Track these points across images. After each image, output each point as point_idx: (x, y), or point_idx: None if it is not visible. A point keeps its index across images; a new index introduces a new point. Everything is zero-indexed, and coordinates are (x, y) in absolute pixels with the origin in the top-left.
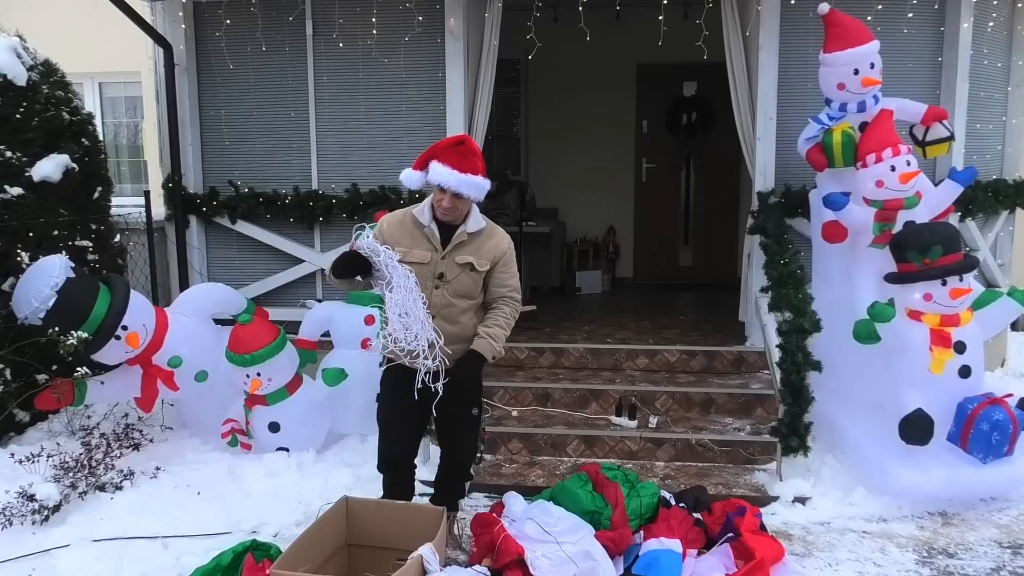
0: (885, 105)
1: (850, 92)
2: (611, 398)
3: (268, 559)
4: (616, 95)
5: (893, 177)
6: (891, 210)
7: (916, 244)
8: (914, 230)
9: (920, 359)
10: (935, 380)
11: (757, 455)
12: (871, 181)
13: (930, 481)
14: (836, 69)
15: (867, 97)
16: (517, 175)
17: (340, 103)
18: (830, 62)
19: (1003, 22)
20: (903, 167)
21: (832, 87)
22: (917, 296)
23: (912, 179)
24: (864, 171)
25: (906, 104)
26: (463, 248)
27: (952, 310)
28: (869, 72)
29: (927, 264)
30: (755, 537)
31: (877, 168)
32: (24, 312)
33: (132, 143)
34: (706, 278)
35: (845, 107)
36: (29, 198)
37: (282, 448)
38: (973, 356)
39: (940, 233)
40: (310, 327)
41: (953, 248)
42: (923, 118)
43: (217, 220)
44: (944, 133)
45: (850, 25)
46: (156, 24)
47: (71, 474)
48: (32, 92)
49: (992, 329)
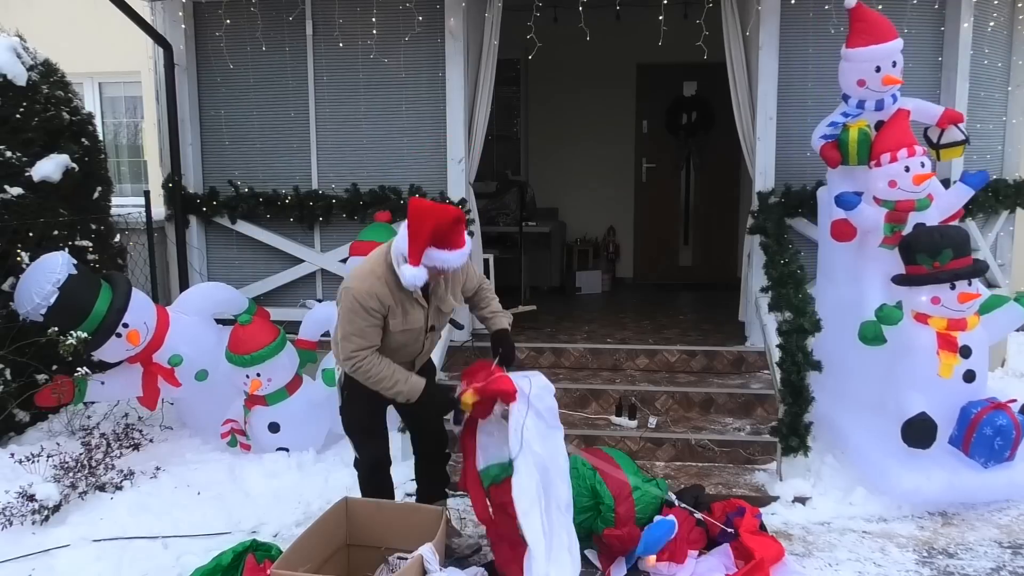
0: (902, 105)
1: (870, 89)
2: (611, 398)
3: (268, 559)
4: (616, 95)
5: (907, 178)
6: (902, 211)
7: (927, 247)
8: (925, 232)
9: (925, 362)
10: (939, 383)
11: (757, 455)
12: (884, 181)
13: (931, 485)
14: (858, 65)
15: (886, 96)
16: (517, 175)
17: (340, 103)
18: (852, 57)
19: (1003, 22)
20: (917, 168)
21: (852, 83)
22: (924, 299)
23: (925, 181)
24: (878, 170)
25: (923, 105)
26: (442, 295)
27: (960, 314)
28: (891, 70)
29: (937, 267)
30: (754, 537)
31: (891, 168)
32: (26, 308)
33: (132, 143)
34: (706, 278)
35: (863, 104)
36: (29, 198)
37: (282, 448)
38: (978, 361)
39: (951, 236)
40: (310, 327)
41: (963, 252)
42: (939, 120)
43: (217, 220)
44: (959, 137)
45: (876, 21)
46: (156, 24)
47: (71, 474)
48: (32, 92)
49: (998, 334)
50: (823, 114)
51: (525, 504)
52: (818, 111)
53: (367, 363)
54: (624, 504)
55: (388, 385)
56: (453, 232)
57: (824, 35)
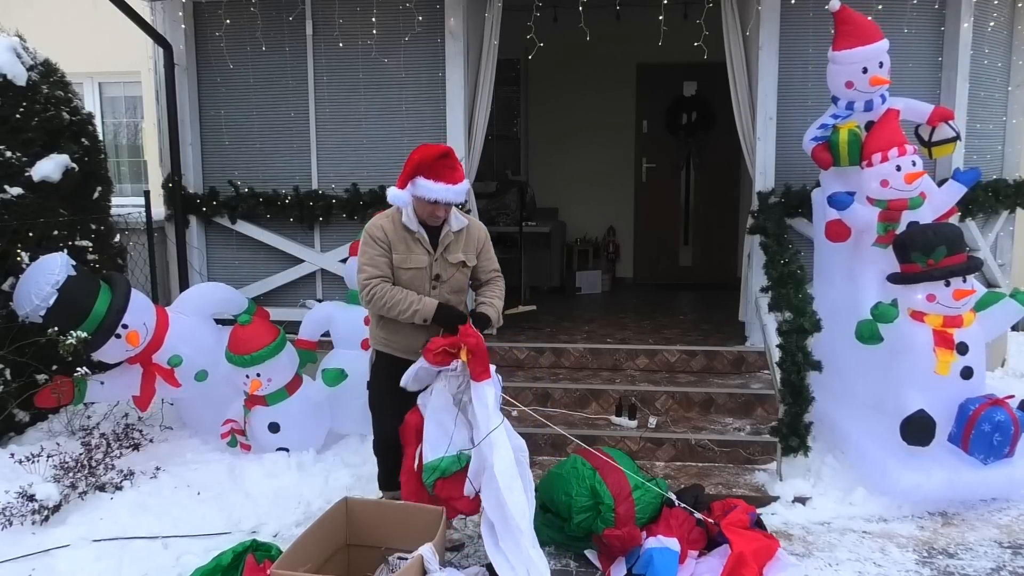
0: (892, 105)
1: (858, 91)
2: (611, 398)
3: (268, 559)
4: (616, 95)
5: (899, 177)
6: (895, 210)
7: (920, 245)
8: (919, 231)
9: (922, 360)
10: (937, 381)
11: (757, 455)
12: (876, 180)
13: (931, 482)
14: (845, 67)
15: (874, 96)
16: (517, 175)
17: (340, 103)
18: (839, 60)
19: (1003, 22)
20: (909, 167)
21: (840, 85)
22: (920, 297)
23: (917, 179)
24: (869, 170)
25: (912, 104)
26: (452, 247)
27: (955, 311)
28: (878, 71)
29: (931, 265)
30: (736, 531)
31: (883, 167)
32: (25, 309)
33: (132, 143)
34: (706, 278)
35: (852, 106)
36: (29, 198)
37: (282, 448)
38: (975, 357)
39: (945, 234)
40: (310, 327)
41: (957, 249)
42: (929, 118)
43: (217, 220)
44: (950, 134)
45: (860, 23)
46: (156, 24)
47: (71, 474)
48: (32, 92)
49: (994, 331)
50: (823, 114)
51: (507, 478)
52: (818, 111)
53: (379, 290)
54: (624, 504)
55: (404, 307)
56: (439, 165)
57: (824, 35)
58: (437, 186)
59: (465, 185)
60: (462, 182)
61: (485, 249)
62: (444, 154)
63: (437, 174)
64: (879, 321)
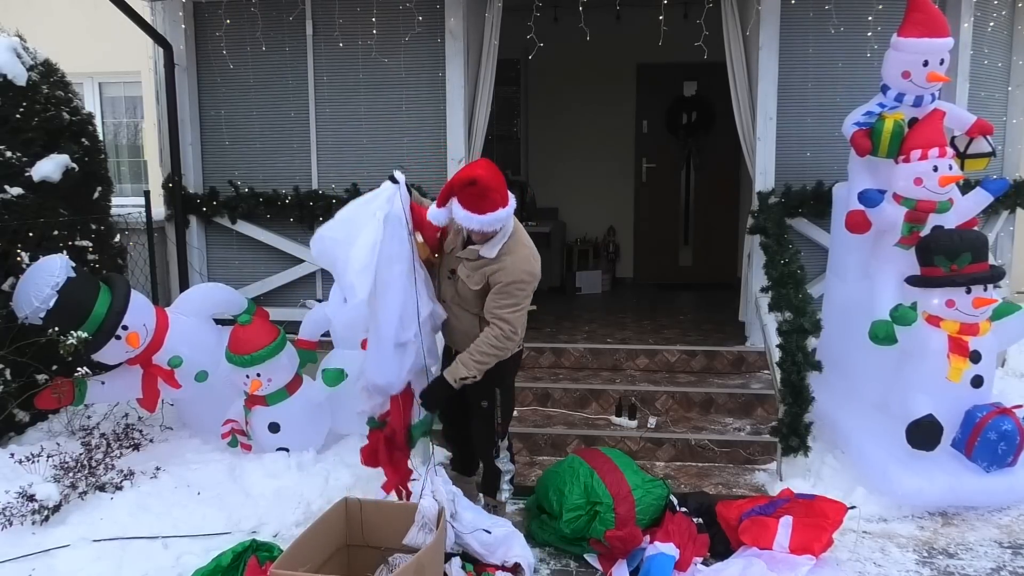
0: (939, 106)
1: (913, 83)
2: (611, 398)
3: (269, 559)
4: (616, 95)
5: (934, 178)
6: (923, 211)
7: (946, 249)
8: (945, 235)
9: (935, 365)
10: (947, 387)
11: (757, 455)
12: (910, 177)
13: (932, 488)
14: (906, 55)
15: (927, 92)
16: (517, 175)
17: (340, 103)
18: (902, 47)
19: (1003, 22)
20: (945, 170)
21: (895, 74)
22: (938, 301)
23: (950, 183)
24: (905, 166)
25: (956, 111)
26: (467, 262)
27: (973, 319)
28: (938, 68)
29: (954, 270)
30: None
31: (920, 165)
32: (25, 311)
33: (132, 143)
34: (706, 278)
35: (901, 98)
36: (29, 198)
37: (282, 448)
38: (987, 366)
39: (971, 240)
40: (310, 327)
41: (982, 257)
42: (969, 129)
43: (217, 220)
44: (986, 148)
45: (934, 14)
46: (156, 24)
47: (71, 474)
48: (32, 92)
49: (1008, 341)
50: (823, 114)
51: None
52: (818, 111)
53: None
54: (624, 504)
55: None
56: (465, 192)
57: (824, 35)
58: (464, 214)
59: (492, 216)
60: (489, 213)
61: (498, 291)
62: (471, 182)
63: (466, 202)
64: (897, 323)
